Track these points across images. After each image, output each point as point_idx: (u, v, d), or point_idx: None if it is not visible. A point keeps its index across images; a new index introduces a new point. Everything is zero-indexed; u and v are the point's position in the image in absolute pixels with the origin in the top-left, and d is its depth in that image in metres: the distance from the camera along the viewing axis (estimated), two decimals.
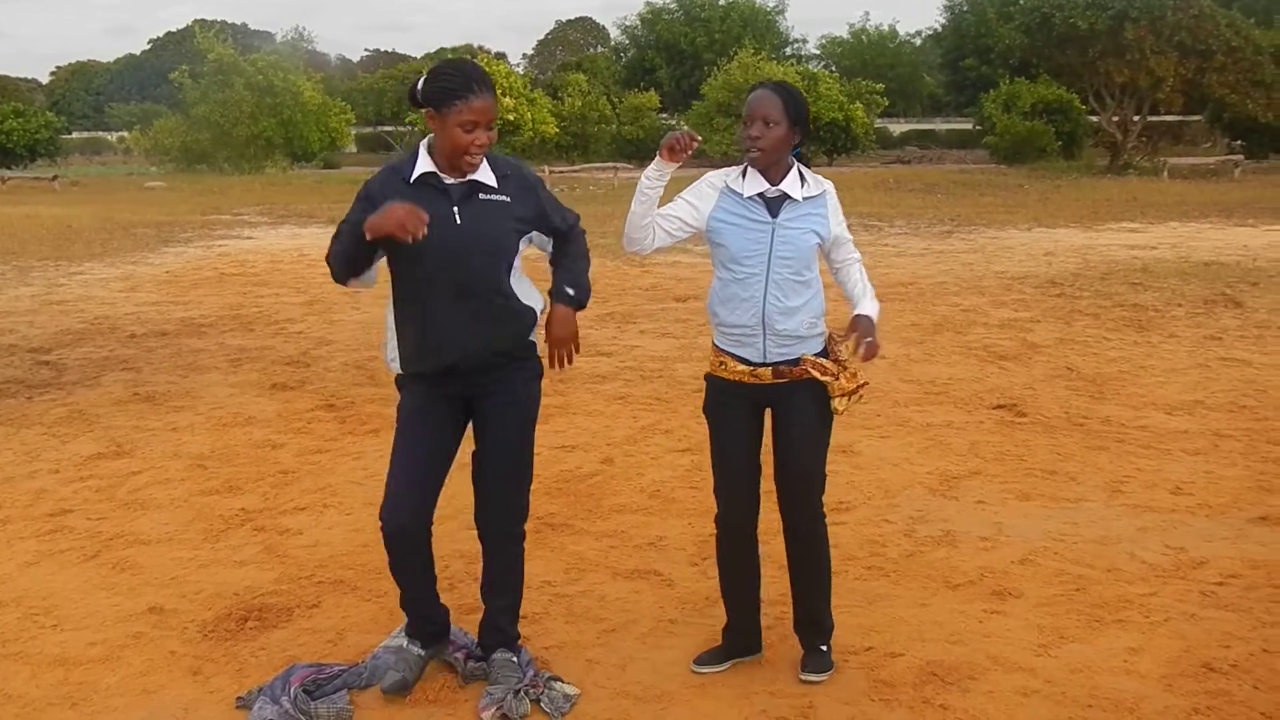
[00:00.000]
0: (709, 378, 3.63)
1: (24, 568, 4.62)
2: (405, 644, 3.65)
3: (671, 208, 3.55)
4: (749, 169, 3.49)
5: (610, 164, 36.13)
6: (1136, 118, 35.89)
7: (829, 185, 3.57)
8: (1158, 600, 4.19)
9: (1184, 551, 4.65)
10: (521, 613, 4.09)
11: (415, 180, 3.31)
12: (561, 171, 33.68)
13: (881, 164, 42.32)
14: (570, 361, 3.52)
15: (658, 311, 10.43)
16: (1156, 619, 4.03)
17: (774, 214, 3.46)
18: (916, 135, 55.88)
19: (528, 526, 4.94)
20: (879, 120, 48.14)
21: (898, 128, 57.02)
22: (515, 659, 3.60)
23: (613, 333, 9.49)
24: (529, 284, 3.51)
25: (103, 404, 7.26)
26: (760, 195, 3.46)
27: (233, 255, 15.35)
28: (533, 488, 5.44)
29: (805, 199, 3.49)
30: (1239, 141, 38.46)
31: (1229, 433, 6.33)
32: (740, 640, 3.76)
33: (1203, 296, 10.80)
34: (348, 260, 3.33)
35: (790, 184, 3.48)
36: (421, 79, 3.34)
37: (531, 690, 3.49)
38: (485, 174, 3.37)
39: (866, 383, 3.61)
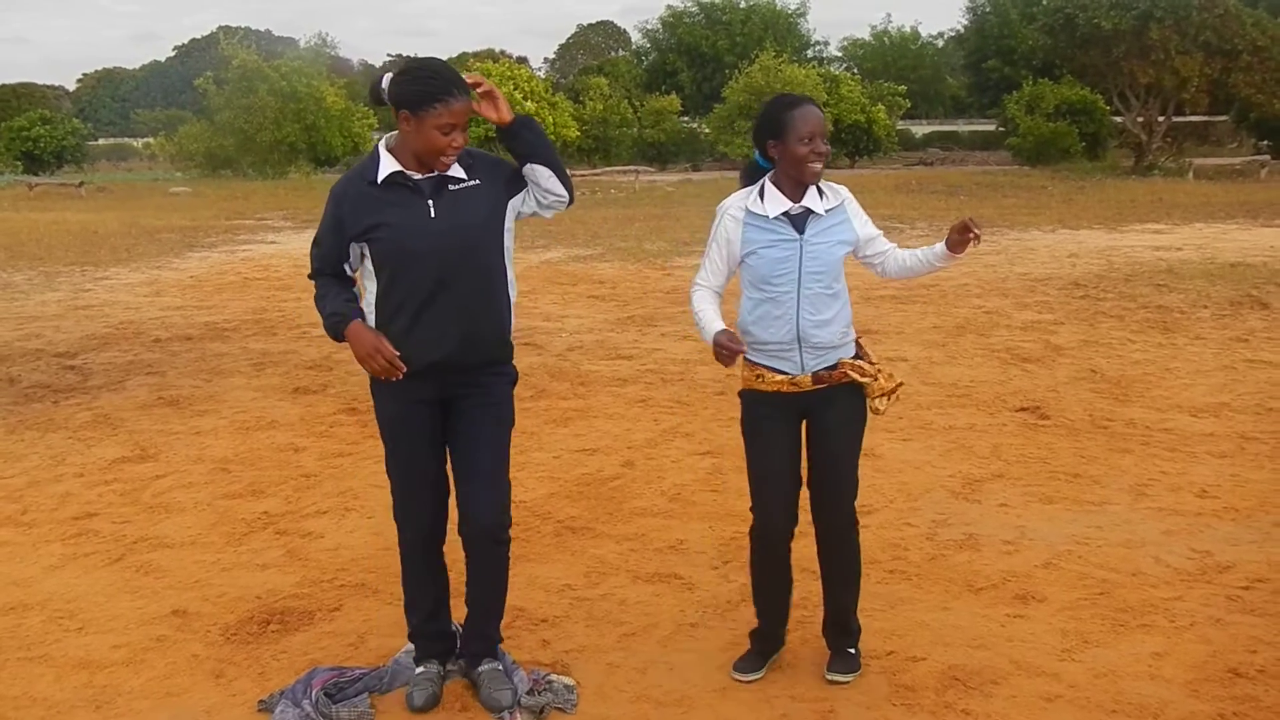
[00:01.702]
0: (745, 394, 3.60)
1: (49, 571, 4.65)
2: (422, 668, 3.60)
3: (713, 267, 3.56)
4: (767, 188, 3.49)
5: (631, 167, 36.22)
6: (1161, 118, 35.67)
7: (845, 191, 3.57)
8: (1183, 605, 4.15)
9: (1210, 555, 4.60)
10: (542, 616, 4.12)
11: (384, 181, 3.28)
12: (583, 175, 33.71)
13: (904, 166, 42.21)
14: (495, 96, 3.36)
15: (679, 314, 10.41)
16: (1182, 623, 3.99)
17: (800, 231, 3.45)
18: (939, 137, 55.74)
19: (548, 529, 4.99)
20: (901, 122, 48.10)
21: (920, 129, 56.90)
22: (500, 667, 3.58)
23: (634, 336, 9.49)
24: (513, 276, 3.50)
25: (127, 408, 7.31)
26: (785, 214, 3.46)
27: (256, 260, 15.45)
28: (553, 491, 5.50)
29: (827, 211, 3.49)
30: (1265, 142, 38.19)
31: (1255, 435, 6.27)
32: (773, 644, 3.77)
33: (1229, 298, 10.71)
34: (328, 331, 3.45)
35: (811, 199, 3.47)
36: (387, 77, 3.29)
37: (538, 688, 3.50)
38: (453, 166, 3.33)
39: (902, 383, 3.62)
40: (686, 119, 48.35)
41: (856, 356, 3.54)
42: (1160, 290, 11.32)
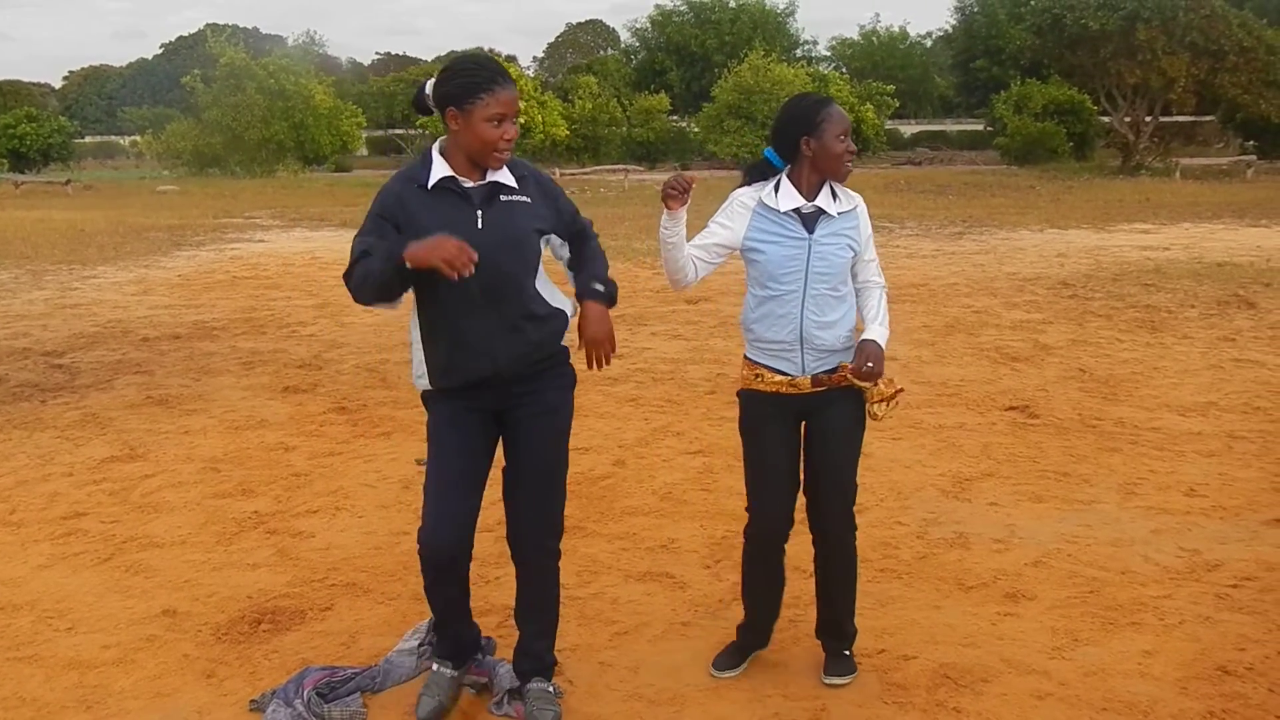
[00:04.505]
0: (744, 393, 3.58)
1: (38, 571, 4.63)
2: (435, 667, 3.51)
3: (706, 235, 3.51)
4: (782, 183, 3.46)
5: (621, 166, 36.24)
6: (1148, 118, 35.85)
7: (860, 199, 3.57)
8: (1172, 603, 4.17)
9: (1198, 554, 4.62)
10: None
11: (434, 186, 3.17)
12: (572, 174, 33.73)
13: (892, 165, 42.29)
14: (608, 361, 3.35)
15: (669, 314, 10.43)
16: (1171, 622, 4.01)
17: (810, 230, 3.44)
18: (927, 136, 55.89)
19: None
20: (890, 121, 48.21)
21: (908, 129, 57.03)
22: (550, 688, 3.46)
23: (624, 335, 9.48)
24: (555, 288, 3.38)
25: (116, 407, 7.28)
26: (796, 211, 3.44)
27: (244, 258, 15.40)
28: None
29: (839, 214, 3.48)
30: (1251, 142, 38.41)
31: (1243, 434, 6.30)
32: (757, 640, 3.78)
33: (1216, 297, 10.76)
34: (381, 287, 3.12)
35: (824, 199, 3.46)
36: (431, 81, 3.22)
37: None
38: (504, 175, 3.23)
39: (902, 389, 3.61)
40: (675, 118, 48.38)
41: None
42: (1148, 290, 11.37)
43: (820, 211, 3.45)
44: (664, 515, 5.17)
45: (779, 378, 3.48)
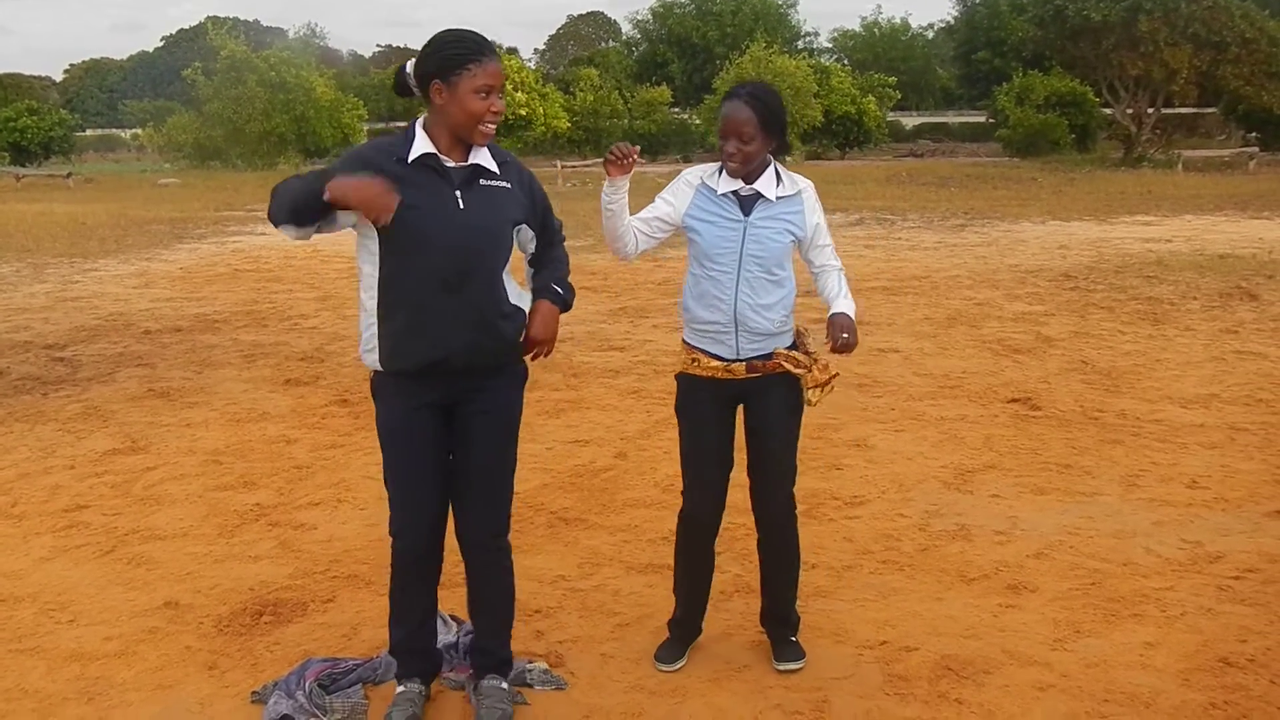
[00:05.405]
0: (680, 377, 3.61)
1: (40, 563, 4.64)
2: (403, 688, 3.42)
3: (651, 208, 3.55)
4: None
5: None
6: (1150, 110, 35.80)
7: (807, 185, 3.56)
8: (1174, 595, 4.16)
9: (1200, 546, 4.62)
10: (536, 607, 4.10)
11: (414, 161, 3.07)
12: (574, 166, 33.67)
13: (894, 157, 42.26)
14: (545, 355, 3.40)
15: (670, 306, 10.41)
16: (1173, 613, 4.01)
17: (746, 213, 3.45)
18: (929, 128, 55.88)
19: (540, 521, 4.99)
20: (891, 113, 48.21)
21: (910, 121, 57.00)
22: (504, 685, 3.42)
23: (626, 327, 9.48)
24: (517, 284, 3.32)
25: (118, 400, 7.28)
26: (733, 193, 3.46)
27: (246, 251, 15.40)
28: (546, 482, 5.50)
29: (779, 199, 3.47)
30: (1254, 134, 38.36)
31: (1245, 426, 6.30)
32: (691, 631, 3.79)
33: (1218, 289, 10.75)
34: (293, 207, 2.98)
35: (764, 183, 3.46)
36: (410, 62, 3.16)
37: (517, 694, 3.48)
38: (485, 158, 3.16)
39: (837, 374, 3.62)
40: (677, 110, 48.34)
41: (793, 346, 3.53)
42: (1150, 282, 11.36)
43: (758, 195, 3.46)
44: (666, 507, 5.16)
45: (714, 363, 3.50)
